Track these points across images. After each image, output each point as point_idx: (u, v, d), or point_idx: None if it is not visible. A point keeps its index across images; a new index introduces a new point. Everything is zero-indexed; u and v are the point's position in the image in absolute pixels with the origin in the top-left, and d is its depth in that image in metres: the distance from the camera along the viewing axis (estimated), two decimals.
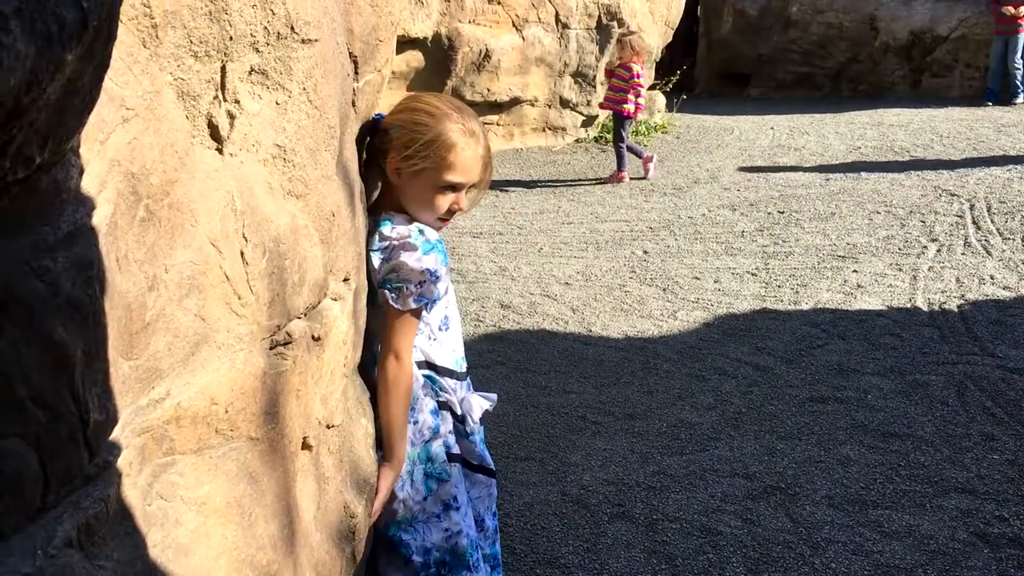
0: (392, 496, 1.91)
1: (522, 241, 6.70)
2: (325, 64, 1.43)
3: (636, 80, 8.47)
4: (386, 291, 1.83)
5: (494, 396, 2.10)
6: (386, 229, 1.86)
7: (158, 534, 1.03)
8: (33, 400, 0.79)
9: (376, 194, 2.00)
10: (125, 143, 0.96)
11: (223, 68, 1.19)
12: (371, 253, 1.84)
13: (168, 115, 1.06)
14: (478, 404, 2.03)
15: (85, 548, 0.90)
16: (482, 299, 5.37)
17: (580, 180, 8.76)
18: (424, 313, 1.94)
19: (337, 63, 1.52)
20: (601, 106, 9.22)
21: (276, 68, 1.30)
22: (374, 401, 1.90)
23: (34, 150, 0.67)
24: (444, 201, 1.89)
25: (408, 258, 1.82)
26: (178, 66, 1.10)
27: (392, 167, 1.88)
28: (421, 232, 1.87)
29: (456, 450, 2.02)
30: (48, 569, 0.83)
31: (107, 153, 0.93)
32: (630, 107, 8.51)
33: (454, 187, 1.88)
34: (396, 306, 1.83)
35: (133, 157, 0.98)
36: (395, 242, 1.84)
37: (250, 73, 1.26)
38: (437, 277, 1.85)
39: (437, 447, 1.98)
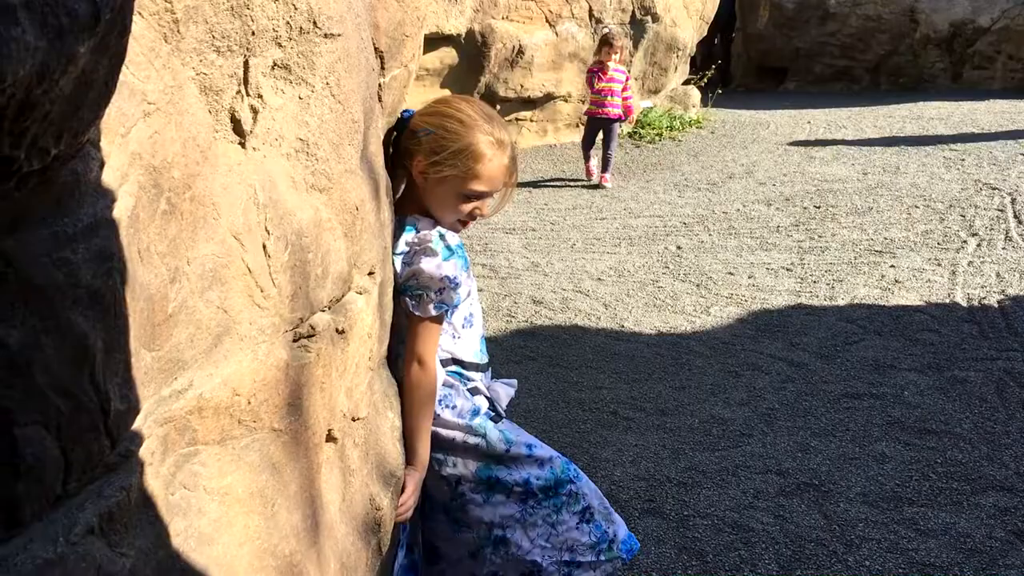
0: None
1: (555, 237, 6.69)
2: (348, 59, 1.43)
3: (627, 82, 8.31)
4: (407, 298, 1.87)
5: (514, 382, 2.15)
6: (409, 236, 1.89)
7: (181, 523, 1.04)
8: (53, 388, 0.81)
9: (401, 191, 2.02)
10: (147, 137, 0.98)
11: (246, 63, 1.20)
12: (395, 257, 1.87)
13: (190, 109, 1.07)
14: (504, 392, 2.09)
15: (107, 536, 0.91)
16: (514, 295, 5.38)
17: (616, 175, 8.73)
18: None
19: (361, 58, 1.53)
20: (611, 115, 8.38)
21: (299, 63, 1.31)
22: (401, 395, 1.92)
23: (49, 142, 0.68)
24: (467, 207, 1.93)
25: (428, 264, 1.85)
26: (200, 61, 1.11)
27: (418, 170, 1.91)
28: (442, 237, 1.89)
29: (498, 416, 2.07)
30: (69, 556, 0.84)
31: (128, 147, 0.94)
32: (620, 111, 8.36)
33: (479, 195, 1.92)
34: (416, 313, 1.87)
35: (155, 151, 0.99)
36: (416, 247, 1.87)
37: (273, 68, 1.27)
38: (457, 284, 1.88)
39: (480, 420, 2.02)
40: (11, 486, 0.78)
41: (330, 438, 1.47)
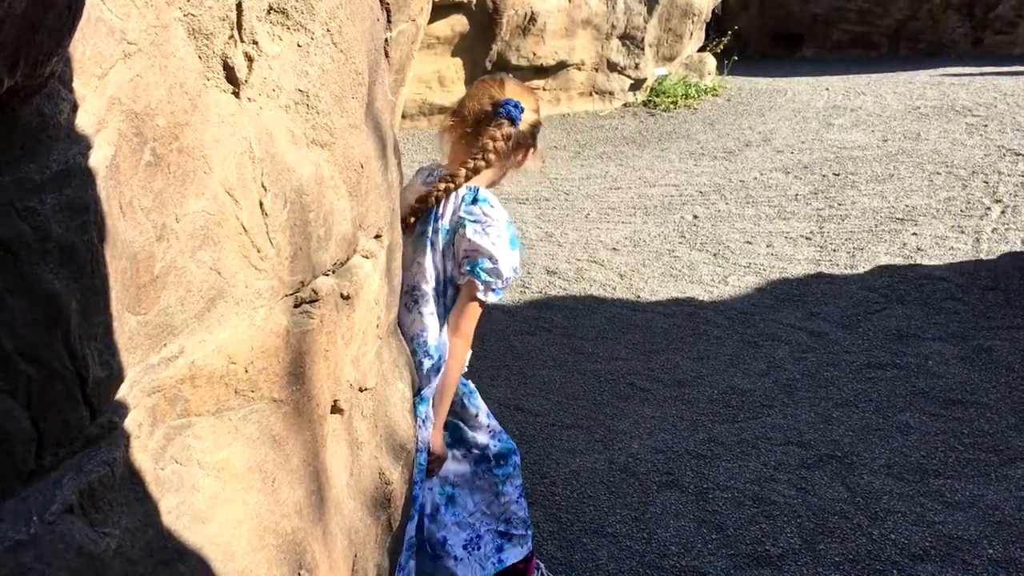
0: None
1: (569, 207, 6.58)
2: (351, 4, 1.34)
3: None
4: (478, 282, 1.92)
5: None
6: (486, 207, 1.93)
7: (172, 500, 0.97)
8: (21, 354, 0.73)
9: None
10: (127, 80, 0.89)
11: (238, 5, 1.11)
12: (466, 219, 1.91)
13: (176, 53, 0.98)
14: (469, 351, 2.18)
15: (88, 514, 0.83)
16: (528, 265, 5.28)
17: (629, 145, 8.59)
18: None
19: (364, 5, 1.43)
20: None
21: (297, 7, 1.22)
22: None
23: (2, 70, 0.60)
24: None
25: (502, 249, 1.91)
26: (187, 1, 1.02)
27: (525, 160, 2.04)
28: (510, 224, 1.97)
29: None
30: (45, 537, 0.77)
31: (106, 90, 0.86)
32: None
33: None
34: (482, 298, 1.94)
35: (136, 95, 0.90)
36: (494, 222, 1.92)
37: (268, 12, 1.18)
38: (516, 276, 2.00)
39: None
40: None
41: (336, 409, 1.40)
